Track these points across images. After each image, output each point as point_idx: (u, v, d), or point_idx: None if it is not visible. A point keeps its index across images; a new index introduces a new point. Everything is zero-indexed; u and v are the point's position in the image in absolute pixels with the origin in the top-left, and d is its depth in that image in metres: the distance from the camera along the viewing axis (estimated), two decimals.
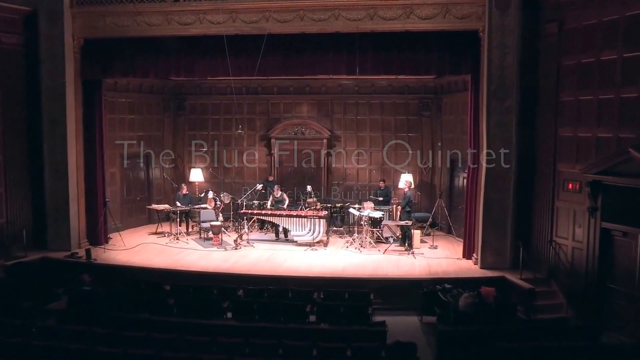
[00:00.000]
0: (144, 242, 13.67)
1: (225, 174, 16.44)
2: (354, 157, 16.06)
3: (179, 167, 16.71)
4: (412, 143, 15.73)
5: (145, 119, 15.72)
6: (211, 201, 14.66)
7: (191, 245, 13.43)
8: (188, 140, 16.65)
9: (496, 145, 11.20)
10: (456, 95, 14.39)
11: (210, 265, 11.73)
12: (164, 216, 15.04)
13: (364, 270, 11.34)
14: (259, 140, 16.44)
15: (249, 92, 15.68)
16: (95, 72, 12.73)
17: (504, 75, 11.02)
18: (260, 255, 12.49)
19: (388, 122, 15.88)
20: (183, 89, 16.49)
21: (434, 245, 13.25)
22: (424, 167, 15.63)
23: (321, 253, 12.78)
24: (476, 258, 11.71)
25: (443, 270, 11.39)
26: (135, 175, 15.62)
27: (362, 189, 15.80)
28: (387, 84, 15.64)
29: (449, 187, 14.96)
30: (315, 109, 16.21)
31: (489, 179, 11.32)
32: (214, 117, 16.56)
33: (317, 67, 12.31)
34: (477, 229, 11.73)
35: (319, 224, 13.30)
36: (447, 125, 15.06)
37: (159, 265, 11.72)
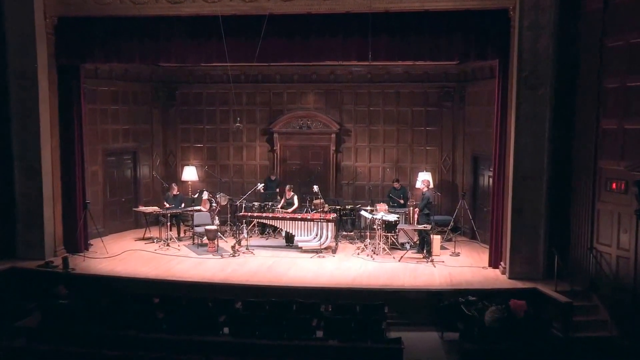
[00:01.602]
0: (130, 248, 13.64)
1: (222, 172, 16.43)
2: (366, 154, 16.02)
3: (171, 165, 16.72)
4: (431, 137, 15.68)
5: (131, 110, 15.69)
6: (206, 203, 14.64)
7: (183, 252, 13.41)
8: (180, 134, 16.67)
9: (527, 140, 11.10)
10: (481, 84, 14.30)
11: (204, 274, 11.71)
12: (153, 220, 15.00)
13: (378, 280, 11.31)
14: (260, 135, 16.43)
15: (248, 81, 15.65)
16: (73, 56, 12.63)
17: (537, 60, 10.89)
18: (261, 264, 12.46)
19: (404, 114, 15.84)
20: (174, 77, 16.44)
21: (456, 252, 13.20)
22: (444, 165, 15.61)
23: (329, 261, 12.76)
24: (504, 267, 11.63)
25: (466, 280, 11.33)
26: (120, 174, 15.57)
27: (375, 189, 15.78)
28: (403, 71, 15.58)
29: (473, 186, 14.93)
30: (322, 99, 16.19)
31: (518, 177, 11.22)
32: (209, 108, 16.54)
33: (325, 53, 12.27)
34: (505, 234, 11.64)
35: (327, 228, 13.28)
36: (471, 117, 14.99)
37: (146, 274, 11.69)
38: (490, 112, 12.98)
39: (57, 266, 12.00)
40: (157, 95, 16.33)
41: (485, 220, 13.45)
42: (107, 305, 9.69)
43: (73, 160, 12.96)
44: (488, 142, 13.02)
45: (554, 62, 10.91)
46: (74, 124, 12.92)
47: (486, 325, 8.99)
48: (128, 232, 15.35)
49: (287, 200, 14.41)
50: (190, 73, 16.34)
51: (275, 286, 10.95)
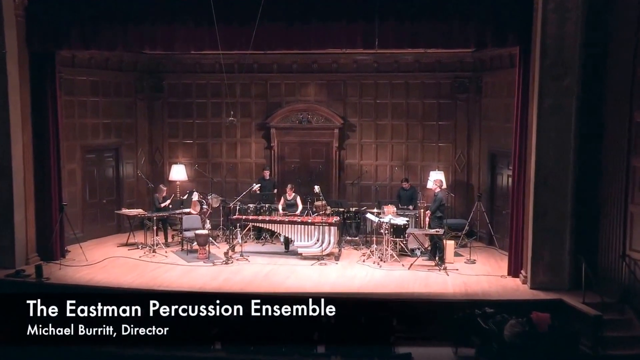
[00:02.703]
0: (112, 255, 13.60)
1: (214, 171, 16.40)
2: (372, 151, 16.01)
3: (157, 163, 16.69)
4: (444, 133, 15.66)
5: (113, 102, 15.63)
6: (196, 205, 14.59)
7: (171, 259, 13.40)
8: (168, 129, 16.60)
9: (550, 135, 11.02)
10: (500, 73, 14.24)
11: (195, 283, 11.69)
12: (137, 224, 14.96)
13: (385, 290, 11.31)
14: (256, 130, 16.40)
15: (242, 70, 15.49)
16: (47, 41, 12.52)
17: (562, 47, 10.77)
18: (256, 271, 12.47)
19: (414, 107, 15.81)
20: (160, 66, 16.40)
21: (472, 259, 13.20)
22: (458, 163, 15.63)
23: (332, 268, 12.76)
24: (525, 276, 11.59)
25: (483, 290, 11.32)
26: (100, 173, 15.52)
27: (382, 189, 15.77)
28: (413, 59, 15.54)
29: (490, 187, 14.89)
30: (324, 91, 16.17)
31: (540, 177, 11.17)
32: (200, 100, 16.50)
33: (327, 39, 12.23)
34: (526, 239, 11.59)
35: (329, 233, 13.28)
36: (488, 110, 14.95)
37: (130, 284, 11.64)
38: (509, 104, 12.92)
39: (30, 275, 11.90)
40: (141, 86, 16.26)
41: (504, 224, 13.42)
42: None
43: (48, 157, 12.88)
44: (507, 137, 12.96)
45: (582, 49, 10.79)
46: (48, 118, 12.83)
47: (505, 340, 8.99)
48: (109, 238, 15.30)
49: (288, 201, 14.37)
50: (179, 62, 16.27)
51: (272, 296, 10.75)
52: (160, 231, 14.42)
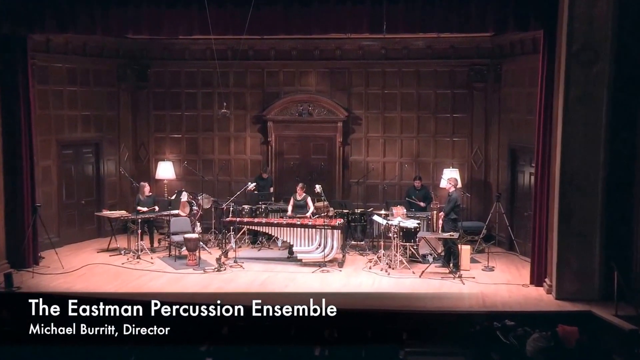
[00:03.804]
0: (91, 262, 13.59)
1: (205, 168, 16.44)
2: (380, 146, 16.04)
3: (142, 160, 16.70)
4: (459, 126, 15.69)
5: (93, 92, 15.60)
6: (185, 206, 14.61)
7: (157, 265, 13.40)
8: (153, 122, 16.63)
9: (578, 128, 10.96)
10: (521, 60, 14.23)
11: (183, 293, 11.56)
12: (120, 227, 14.97)
13: (394, 300, 11.30)
14: (251, 123, 16.45)
15: (236, 57, 15.44)
16: (17, 24, 12.44)
17: (592, 30, 10.68)
18: (252, 279, 12.48)
19: (426, 98, 15.84)
20: (145, 52, 16.41)
21: (490, 266, 13.19)
22: (475, 160, 15.67)
23: (335, 276, 12.76)
24: (550, 285, 11.54)
25: (503, 301, 11.28)
26: (79, 171, 15.51)
27: (391, 189, 15.83)
28: (425, 45, 15.57)
29: (510, 186, 14.90)
30: (327, 80, 16.20)
31: (566, 175, 11.10)
32: (189, 90, 16.53)
33: (329, 23, 12.25)
34: (550, 244, 11.54)
35: (332, 237, 13.30)
36: (508, 101, 14.94)
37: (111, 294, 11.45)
38: (532, 94, 12.89)
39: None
40: (124, 74, 16.24)
41: (526, 227, 13.41)
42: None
43: (19, 153, 12.87)
44: (529, 131, 12.92)
45: (614, 32, 10.69)
46: (19, 109, 12.82)
47: (528, 356, 8.92)
48: (89, 242, 15.30)
49: (297, 202, 14.34)
50: (166, 47, 16.30)
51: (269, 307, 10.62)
52: (145, 235, 14.37)
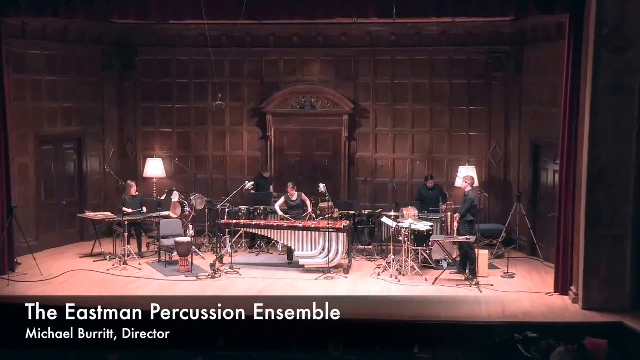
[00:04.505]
0: (73, 268, 13.55)
1: (198, 166, 16.46)
2: (389, 141, 16.05)
3: (128, 156, 16.72)
4: (476, 119, 15.70)
5: (75, 82, 15.59)
6: (176, 206, 14.66)
7: (146, 271, 13.40)
8: (141, 115, 16.66)
9: (607, 121, 10.93)
10: (545, 47, 14.21)
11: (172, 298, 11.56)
12: (105, 229, 15.00)
13: (404, 310, 11.26)
14: (248, 117, 16.48)
15: (232, 44, 15.61)
16: None
17: (624, 12, 10.63)
18: (249, 287, 12.45)
19: (440, 89, 15.86)
20: (132, 38, 16.42)
21: (510, 272, 13.19)
22: (493, 156, 15.66)
23: (340, 283, 12.76)
24: (576, 293, 11.51)
25: (524, 310, 11.26)
26: (59, 168, 15.52)
27: (401, 188, 15.82)
28: (439, 30, 15.58)
29: (532, 185, 14.91)
30: (331, 69, 16.23)
31: (594, 172, 11.09)
32: (180, 80, 16.55)
33: (334, 6, 12.30)
34: (576, 248, 11.52)
35: (337, 240, 13.29)
36: (530, 91, 14.92)
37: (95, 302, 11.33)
38: (556, 84, 12.84)
39: None
40: (109, 62, 16.24)
41: (550, 229, 13.35)
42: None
43: None
44: (554, 125, 12.85)
45: None
46: None
47: None
48: (70, 247, 15.31)
49: (291, 203, 14.36)
50: (155, 33, 16.30)
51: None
52: (132, 239, 14.38)
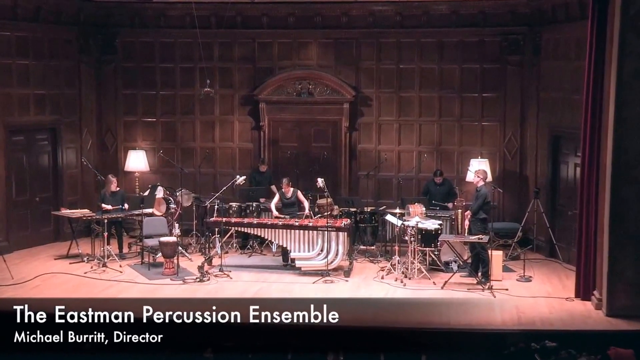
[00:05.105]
0: (48, 271, 13.55)
1: (185, 159, 16.51)
2: (394, 132, 16.07)
3: (109, 148, 16.74)
4: (490, 108, 15.70)
5: (49, 66, 15.58)
6: (161, 203, 14.70)
7: (128, 274, 13.40)
8: (122, 103, 16.67)
9: (635, 111, 10.87)
10: (566, 28, 14.20)
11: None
12: (83, 229, 15.04)
13: (411, 316, 11.21)
14: (240, 105, 16.50)
15: (221, 25, 15.63)
16: None
17: None
18: (241, 292, 12.44)
19: (450, 74, 15.89)
20: (111, 18, 16.40)
21: (527, 275, 13.18)
22: (508, 148, 15.67)
23: (340, 287, 12.76)
24: (599, 298, 11.47)
25: (542, 317, 11.24)
26: (32, 162, 15.52)
27: (407, 183, 15.84)
28: (449, 9, 15.59)
29: (551, 180, 14.90)
30: (330, 53, 16.25)
31: (620, 165, 11.03)
32: (165, 65, 16.58)
33: None
34: (600, 249, 11.49)
35: (337, 241, 13.31)
36: (550, 77, 14.88)
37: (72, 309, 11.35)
38: (578, 69, 12.84)
39: None
40: (86, 45, 16.23)
41: (570, 229, 13.41)
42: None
43: None
44: (575, 113, 12.93)
45: None
46: None
47: None
48: (44, 247, 15.32)
49: (286, 200, 14.36)
50: (137, 13, 16.30)
51: (262, 324, 10.62)
52: (112, 239, 14.42)
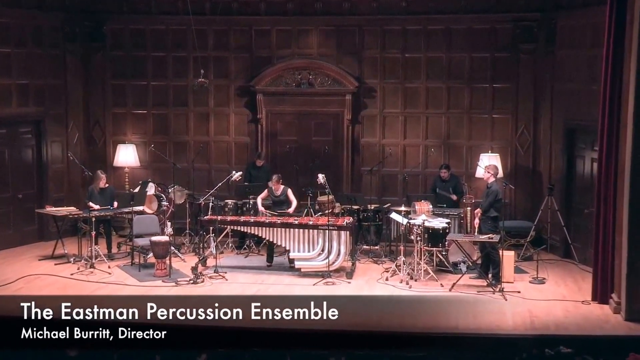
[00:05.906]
0: (31, 272, 13.53)
1: (178, 154, 16.55)
2: (399, 125, 16.09)
3: (96, 141, 16.76)
4: (501, 99, 15.73)
5: (33, 55, 15.60)
6: (152, 200, 14.75)
7: (117, 276, 13.40)
8: (111, 95, 16.69)
9: None
10: (582, 14, 14.22)
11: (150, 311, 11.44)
12: (69, 227, 15.06)
13: (417, 320, 11.24)
14: (236, 96, 16.54)
15: (216, 12, 15.71)
16: None
17: None
18: (237, 294, 12.35)
19: (459, 64, 15.91)
20: (99, 3, 16.42)
21: (540, 277, 13.16)
22: (521, 142, 15.67)
23: (342, 289, 12.74)
24: (618, 302, 11.45)
25: (556, 321, 11.23)
26: (14, 156, 15.56)
27: (413, 179, 15.88)
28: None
29: (566, 177, 14.91)
30: (332, 41, 16.26)
31: (639, 162, 11.02)
32: (157, 54, 16.59)
33: None
34: (618, 249, 11.46)
35: (339, 240, 13.32)
36: (565, 67, 14.87)
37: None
38: (596, 58, 12.88)
39: None
40: (72, 32, 16.20)
41: (587, 227, 13.42)
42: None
43: None
44: (592, 105, 12.91)
45: None
46: None
47: None
48: (28, 247, 15.36)
49: (276, 198, 14.35)
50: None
51: (259, 329, 10.74)
52: (100, 238, 14.43)
